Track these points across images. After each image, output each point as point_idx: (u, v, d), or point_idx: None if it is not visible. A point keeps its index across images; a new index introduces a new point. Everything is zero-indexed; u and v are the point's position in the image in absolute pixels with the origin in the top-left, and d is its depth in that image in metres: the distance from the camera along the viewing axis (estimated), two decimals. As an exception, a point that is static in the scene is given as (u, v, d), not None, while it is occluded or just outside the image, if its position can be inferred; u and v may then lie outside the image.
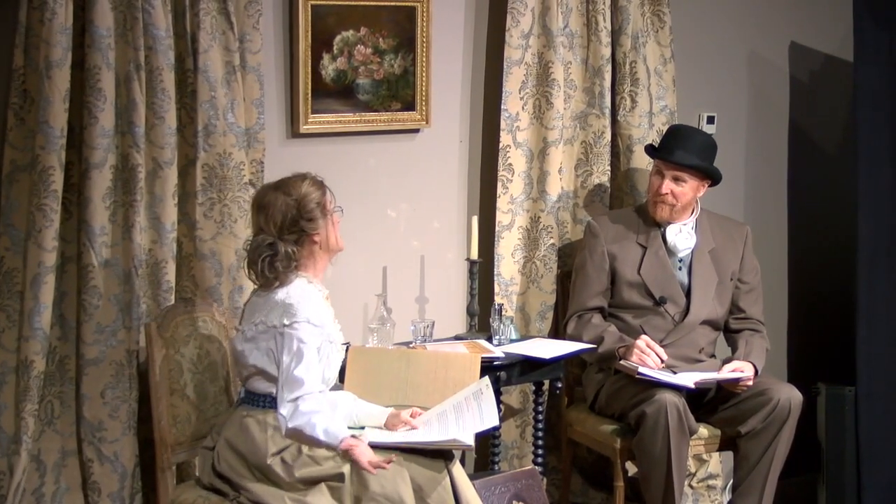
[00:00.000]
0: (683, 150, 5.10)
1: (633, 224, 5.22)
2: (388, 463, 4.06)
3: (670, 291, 5.14)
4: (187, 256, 4.70)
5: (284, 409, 4.12)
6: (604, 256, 5.18)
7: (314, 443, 4.11)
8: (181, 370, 4.44)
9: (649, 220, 5.21)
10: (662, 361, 4.96)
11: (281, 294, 4.19)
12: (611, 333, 5.07)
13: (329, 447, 4.11)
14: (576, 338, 5.13)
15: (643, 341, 4.98)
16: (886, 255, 5.53)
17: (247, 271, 4.29)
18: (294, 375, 4.12)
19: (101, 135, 4.43)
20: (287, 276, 4.22)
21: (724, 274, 5.22)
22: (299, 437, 4.11)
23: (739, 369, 5.02)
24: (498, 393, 4.83)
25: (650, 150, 5.22)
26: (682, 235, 5.19)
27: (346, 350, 4.42)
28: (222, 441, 4.21)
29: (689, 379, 4.93)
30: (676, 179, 5.11)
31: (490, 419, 4.30)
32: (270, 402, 4.20)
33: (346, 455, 4.09)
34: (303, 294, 4.19)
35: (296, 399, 4.11)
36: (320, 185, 4.28)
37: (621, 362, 4.99)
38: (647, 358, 4.93)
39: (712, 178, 5.18)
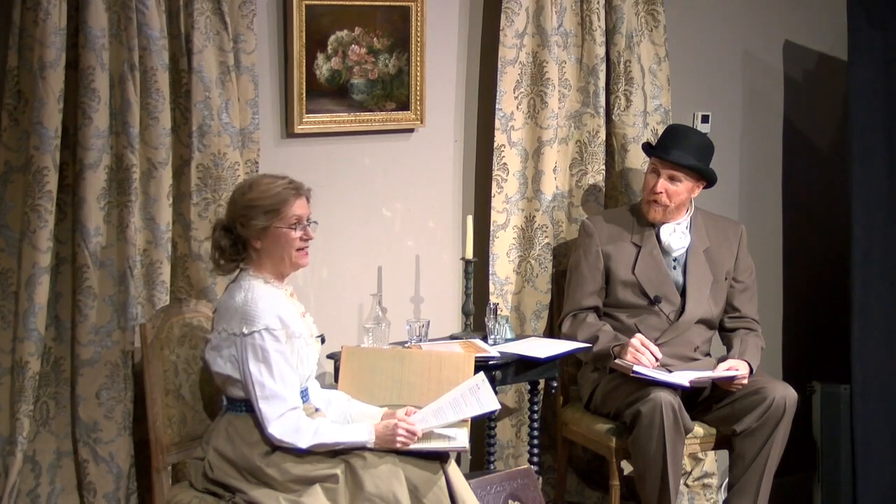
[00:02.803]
0: (680, 149, 5.11)
1: (627, 223, 5.22)
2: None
3: (665, 291, 5.14)
4: (182, 257, 4.70)
5: (275, 429, 4.09)
6: (598, 256, 5.18)
7: (339, 447, 4.11)
8: (176, 371, 4.44)
9: (643, 220, 5.21)
10: (657, 360, 4.96)
11: (239, 299, 4.16)
12: (605, 333, 5.07)
13: (358, 446, 4.12)
14: (571, 337, 5.13)
15: (638, 340, 4.98)
16: (880, 253, 5.54)
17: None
18: (271, 391, 4.10)
19: (95, 135, 4.43)
20: (227, 267, 4.21)
21: (718, 273, 5.22)
22: (319, 448, 4.12)
23: (734, 368, 5.02)
24: (493, 392, 4.82)
25: (647, 147, 5.23)
26: (676, 235, 5.19)
27: (322, 342, 4.40)
28: (211, 451, 4.20)
29: (684, 378, 4.94)
30: (672, 178, 5.11)
31: (490, 404, 4.29)
32: (249, 407, 4.18)
33: (382, 444, 4.11)
34: (260, 297, 4.15)
35: (282, 416, 4.10)
36: (284, 193, 4.17)
37: (616, 361, 4.99)
38: (642, 357, 4.93)
39: (707, 179, 5.18)
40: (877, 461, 5.55)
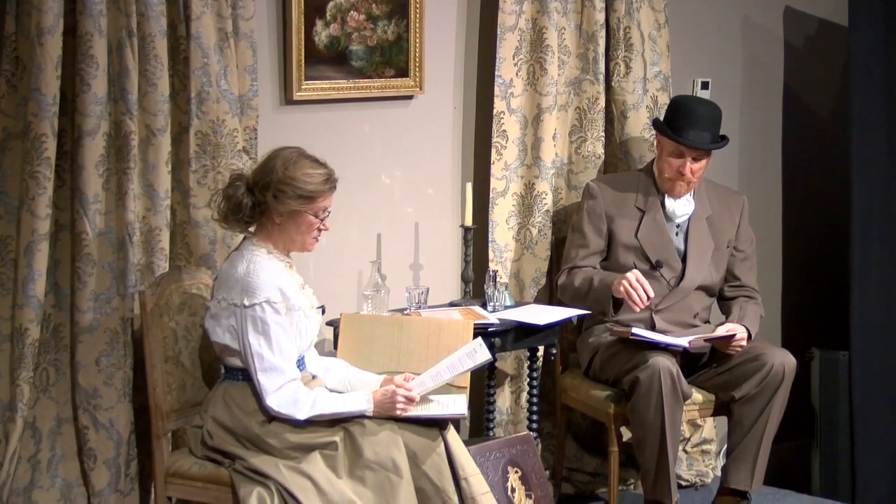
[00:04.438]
0: (699, 129, 5.06)
1: (632, 188, 5.22)
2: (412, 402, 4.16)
3: (666, 256, 5.15)
4: (181, 224, 4.70)
5: (273, 401, 4.10)
6: (601, 218, 5.18)
7: (338, 416, 4.12)
8: (175, 337, 4.45)
9: (649, 185, 5.20)
10: (649, 298, 4.92)
11: (241, 269, 4.16)
12: (600, 272, 5.07)
13: (356, 415, 4.13)
14: (567, 286, 5.11)
15: (633, 274, 4.93)
16: (880, 220, 5.54)
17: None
18: (270, 363, 4.11)
19: (93, 102, 4.42)
20: (232, 223, 4.20)
21: (720, 241, 5.22)
22: (318, 419, 4.13)
23: (733, 330, 5.03)
24: (493, 359, 4.83)
25: (661, 129, 5.13)
26: (680, 202, 5.19)
27: (323, 312, 4.40)
28: (209, 419, 4.22)
29: (682, 339, 4.94)
30: (695, 158, 5.10)
31: (483, 357, 4.30)
32: (246, 376, 4.19)
33: (381, 412, 4.13)
34: (262, 268, 4.15)
35: (280, 388, 4.11)
36: (322, 186, 4.17)
37: (616, 329, 5.00)
38: (634, 293, 4.89)
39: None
40: (875, 427, 5.56)
